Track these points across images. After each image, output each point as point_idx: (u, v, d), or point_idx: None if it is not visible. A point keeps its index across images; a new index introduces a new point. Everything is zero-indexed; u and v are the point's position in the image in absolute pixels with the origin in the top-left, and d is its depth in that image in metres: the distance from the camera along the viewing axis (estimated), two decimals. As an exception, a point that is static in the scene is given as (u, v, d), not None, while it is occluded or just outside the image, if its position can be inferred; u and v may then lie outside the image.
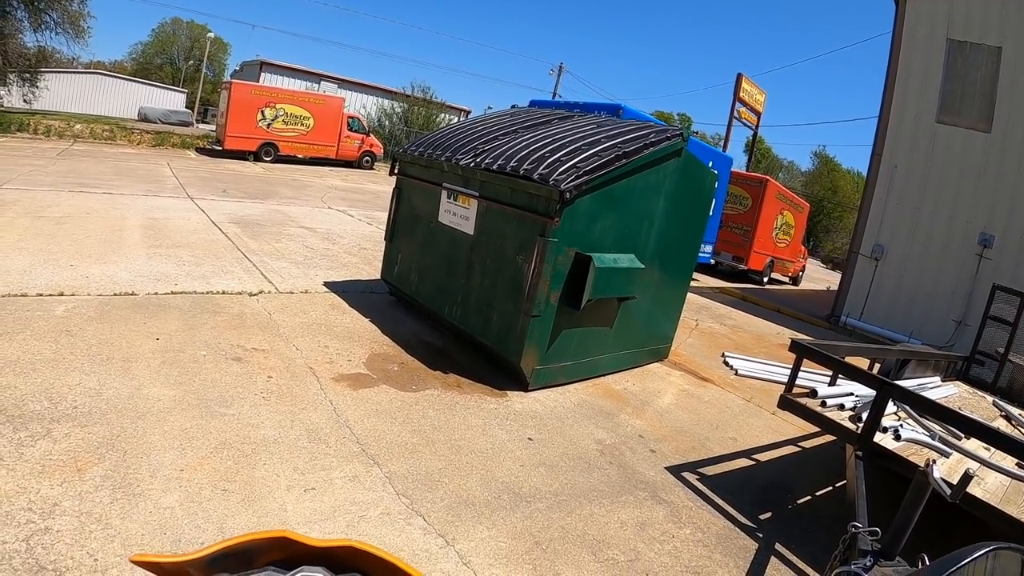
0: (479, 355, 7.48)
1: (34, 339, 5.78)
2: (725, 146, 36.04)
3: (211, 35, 60.34)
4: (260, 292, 8.52)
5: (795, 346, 5.06)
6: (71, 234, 9.97)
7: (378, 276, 9.66)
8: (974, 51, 14.26)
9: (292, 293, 8.78)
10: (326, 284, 9.59)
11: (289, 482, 4.22)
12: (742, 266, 22.10)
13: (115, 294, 7.44)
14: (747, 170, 38.80)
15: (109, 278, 7.98)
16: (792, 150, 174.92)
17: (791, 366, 5.28)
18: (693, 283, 17.64)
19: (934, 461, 3.04)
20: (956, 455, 4.73)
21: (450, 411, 5.87)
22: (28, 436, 4.21)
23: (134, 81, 56.20)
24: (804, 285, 28.29)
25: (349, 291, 9.41)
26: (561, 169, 6.25)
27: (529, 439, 5.61)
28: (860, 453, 4.45)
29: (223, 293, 8.17)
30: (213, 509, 3.79)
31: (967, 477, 3.03)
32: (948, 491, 2.98)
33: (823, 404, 5.21)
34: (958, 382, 7.75)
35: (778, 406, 5.21)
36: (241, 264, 9.85)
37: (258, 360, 6.19)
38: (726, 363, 9.83)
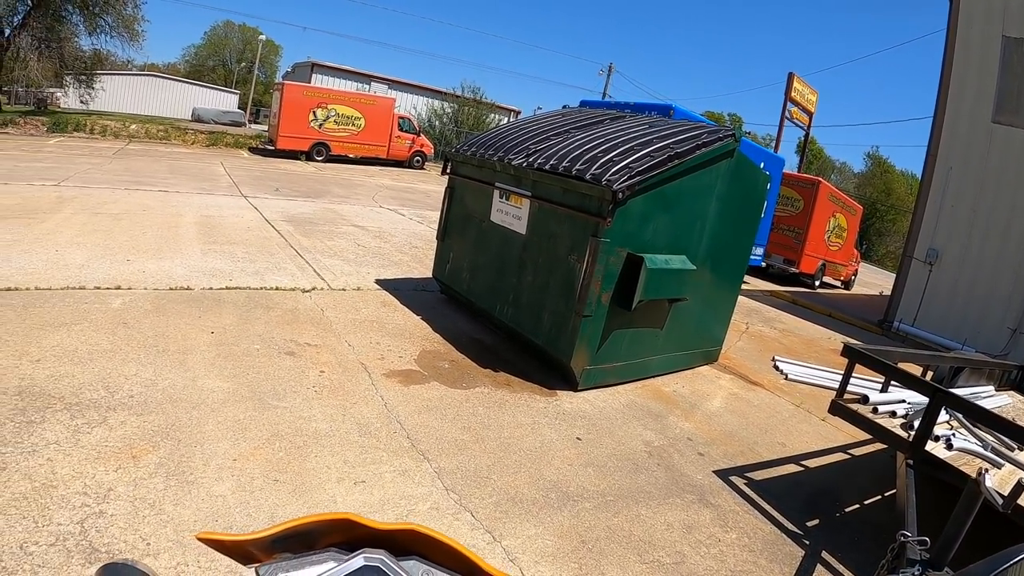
0: (529, 354, 7.49)
1: (92, 330, 5.94)
2: (776, 147, 35.59)
3: (262, 38, 61.18)
4: (313, 288, 8.63)
5: (847, 351, 4.98)
6: (127, 230, 10.22)
7: (429, 274, 9.72)
8: None
9: (344, 290, 8.88)
10: (378, 281, 9.68)
11: (340, 474, 4.28)
12: (793, 269, 21.73)
13: (171, 288, 7.60)
14: (799, 171, 38.31)
15: (165, 273, 8.16)
16: (845, 151, 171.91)
17: (842, 371, 5.20)
18: (744, 286, 17.47)
19: (986, 471, 2.99)
20: (1009, 466, 4.59)
21: (500, 409, 5.90)
22: (85, 423, 4.33)
23: (187, 83, 57.43)
24: (856, 289, 27.70)
25: (401, 288, 9.49)
26: (614, 169, 6.23)
27: (578, 439, 5.60)
28: (911, 462, 4.37)
29: (276, 289, 8.31)
30: (264, 498, 3.86)
31: (1020, 487, 2.98)
32: (1000, 501, 2.92)
33: (874, 411, 5.09)
34: (1013, 392, 7.49)
35: (829, 411, 5.11)
36: (294, 261, 10.00)
37: (310, 355, 6.28)
38: (776, 367, 9.70)
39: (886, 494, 5.97)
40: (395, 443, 4.86)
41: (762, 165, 17.03)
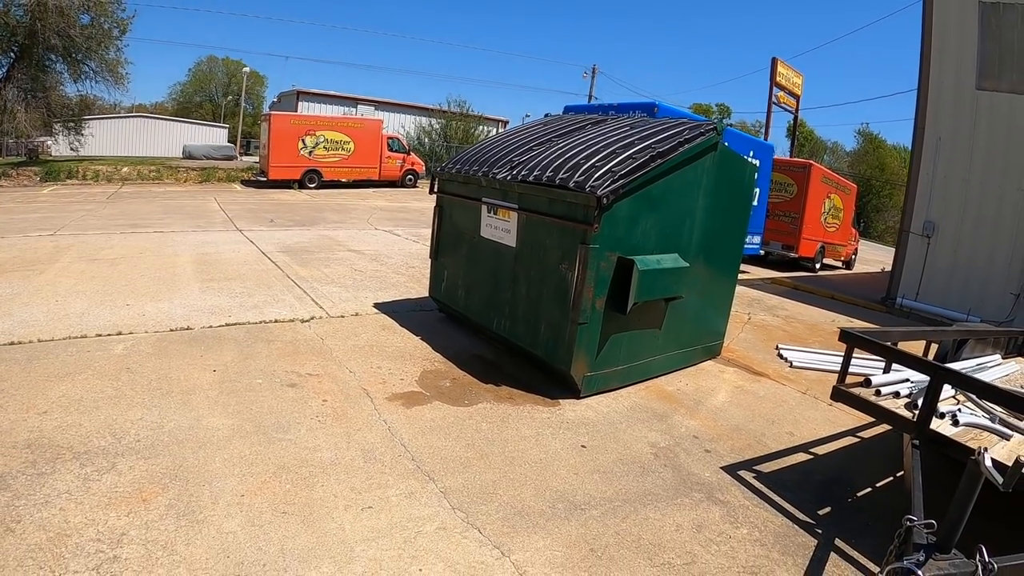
0: (530, 365, 7.51)
1: (96, 378, 6.01)
2: (766, 133, 35.90)
3: (247, 70, 61.86)
4: (312, 318, 8.70)
5: (844, 335, 4.99)
6: (125, 274, 10.33)
7: (427, 294, 9.75)
8: (1008, 11, 13.80)
9: (343, 317, 8.95)
10: (376, 305, 9.74)
11: (347, 502, 4.32)
12: (792, 254, 21.87)
13: (171, 330, 7.67)
14: (790, 155, 38.43)
15: (165, 314, 8.24)
16: (836, 131, 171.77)
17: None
18: (744, 275, 17.45)
19: (985, 449, 3.00)
20: (1018, 437, 4.55)
21: (503, 423, 5.92)
22: (94, 471, 4.39)
23: (176, 121, 57.93)
24: (858, 268, 27.86)
25: (399, 311, 9.55)
26: (597, 175, 6.28)
27: (582, 446, 5.63)
28: (917, 442, 4.37)
29: (276, 322, 8.37)
30: (274, 532, 3.90)
31: (1019, 464, 2.98)
32: (1000, 480, 2.94)
33: (877, 393, 5.09)
34: (1020, 358, 7.44)
35: (831, 398, 5.10)
36: (292, 292, 10.08)
37: (312, 385, 6.33)
38: (780, 356, 9.69)
39: (897, 475, 5.95)
40: (400, 466, 4.90)
41: (751, 154, 17.20)
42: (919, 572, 2.79)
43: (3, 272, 9.97)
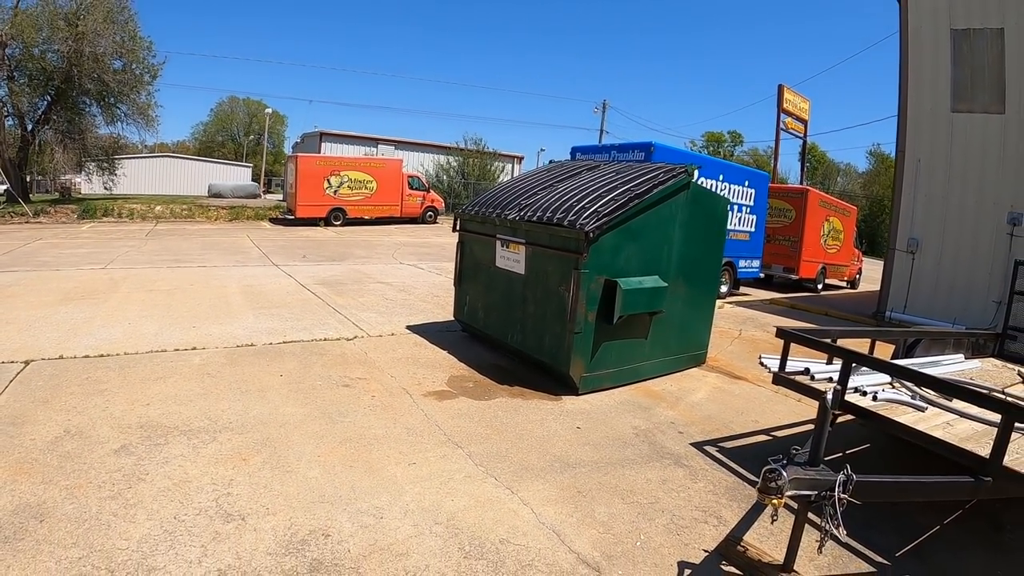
0: (539, 372, 8.80)
1: (183, 380, 7.49)
2: (775, 158, 36.63)
3: (269, 110, 62.72)
4: (355, 337, 10.15)
5: (780, 333, 6.17)
6: (183, 302, 11.87)
7: (451, 318, 11.20)
8: (978, 37, 14.81)
9: (381, 336, 10.39)
10: (408, 327, 11.17)
11: (397, 460, 5.77)
12: (794, 276, 22.86)
13: (237, 346, 9.14)
14: (800, 179, 39.41)
15: (228, 334, 9.72)
16: (850, 154, 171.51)
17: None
18: (744, 297, 18.53)
19: (828, 391, 4.24)
20: (932, 409, 5.58)
21: (515, 411, 7.32)
22: (200, 442, 5.84)
23: (202, 160, 59.09)
24: (864, 287, 28.39)
25: (428, 331, 10.97)
26: (585, 214, 7.72)
27: (577, 428, 6.98)
28: (837, 412, 5.33)
29: (325, 340, 9.83)
30: (345, 477, 5.36)
31: (837, 391, 4.23)
32: (831, 404, 4.17)
33: (812, 378, 6.18)
34: (990, 358, 8.13)
35: (772, 382, 6.32)
36: (334, 317, 11.55)
37: (362, 385, 7.79)
38: (761, 363, 10.40)
39: (847, 452, 6.96)
40: (435, 438, 6.34)
41: (746, 183, 18.39)
42: (783, 472, 3.81)
43: (71, 300, 11.54)
